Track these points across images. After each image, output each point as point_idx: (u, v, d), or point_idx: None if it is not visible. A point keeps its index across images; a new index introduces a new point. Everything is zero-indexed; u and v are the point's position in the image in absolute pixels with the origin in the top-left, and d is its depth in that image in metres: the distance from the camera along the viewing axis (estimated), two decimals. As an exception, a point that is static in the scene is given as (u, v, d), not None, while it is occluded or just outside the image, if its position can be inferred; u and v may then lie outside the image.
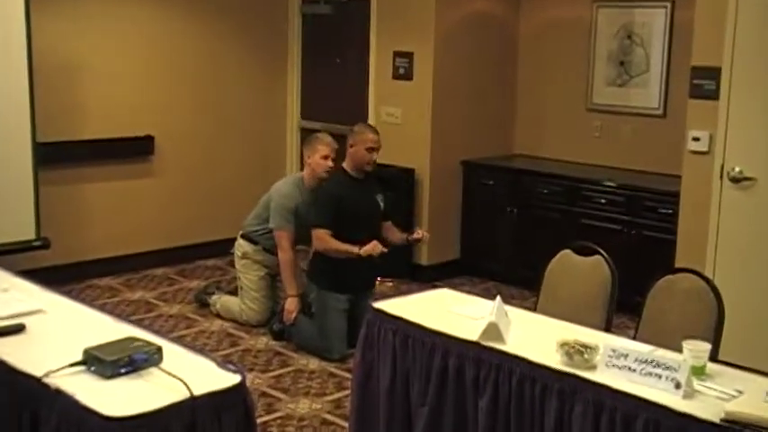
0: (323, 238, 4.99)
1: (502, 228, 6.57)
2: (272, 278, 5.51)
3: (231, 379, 2.52)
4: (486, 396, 3.00)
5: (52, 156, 5.93)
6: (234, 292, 5.71)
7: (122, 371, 2.52)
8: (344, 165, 5.14)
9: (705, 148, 5.04)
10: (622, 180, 6.05)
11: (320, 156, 5.29)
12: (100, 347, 2.57)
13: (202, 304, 5.82)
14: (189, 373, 2.46)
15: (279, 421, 4.19)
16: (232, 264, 6.21)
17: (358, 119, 6.97)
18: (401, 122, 6.69)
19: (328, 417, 4.28)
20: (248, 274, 5.50)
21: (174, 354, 2.66)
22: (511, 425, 2.94)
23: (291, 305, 5.26)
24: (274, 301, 5.54)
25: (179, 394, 2.37)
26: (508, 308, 3.32)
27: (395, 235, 5.29)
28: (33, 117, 5.63)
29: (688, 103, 5.15)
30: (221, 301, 5.67)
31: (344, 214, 4.99)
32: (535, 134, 7.01)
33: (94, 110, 6.30)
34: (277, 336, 5.30)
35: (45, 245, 5.75)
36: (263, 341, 5.28)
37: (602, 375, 2.74)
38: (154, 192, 6.72)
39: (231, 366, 2.61)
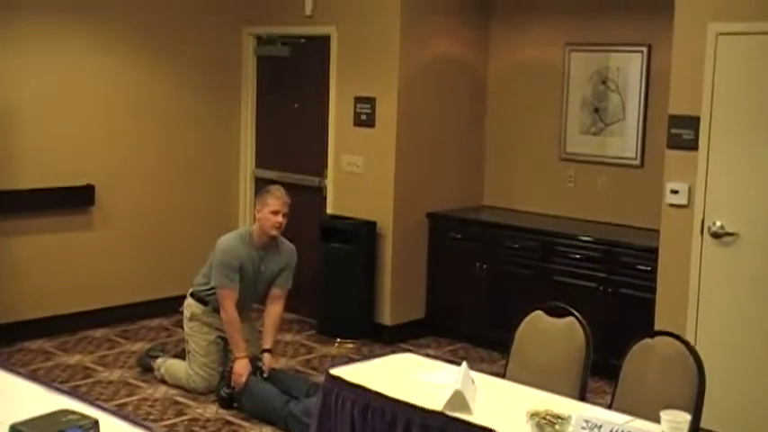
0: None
1: (470, 285, 6.60)
2: (224, 342, 5.46)
3: (174, 455, 2.50)
4: (451, 471, 2.99)
5: (-18, 207, 5.89)
6: (180, 356, 5.66)
7: (53, 448, 2.47)
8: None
9: (684, 202, 5.13)
10: (598, 234, 6.12)
11: (269, 210, 5.29)
12: (29, 422, 2.53)
13: (146, 369, 5.75)
14: (127, 450, 2.44)
15: (227, 499, 4.14)
16: (178, 324, 6.16)
17: (316, 168, 7.06)
18: (363, 172, 6.74)
19: (281, 494, 4.24)
20: (197, 337, 5.46)
21: (112, 427, 2.64)
22: (478, 503, 2.93)
23: (241, 367, 5.22)
24: (225, 367, 5.49)
25: (116, 474, 2.35)
26: (475, 374, 3.34)
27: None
28: (-38, 165, 5.61)
29: (666, 153, 5.25)
30: (166, 365, 5.61)
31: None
32: (505, 185, 7.09)
33: (29, 157, 6.26)
34: (225, 402, 5.24)
35: (-28, 304, 5.69)
36: (211, 409, 5.22)
37: (576, 448, 2.75)
38: (94, 245, 6.67)
39: (174, 441, 2.58)
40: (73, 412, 2.63)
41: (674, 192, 5.16)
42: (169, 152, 7.07)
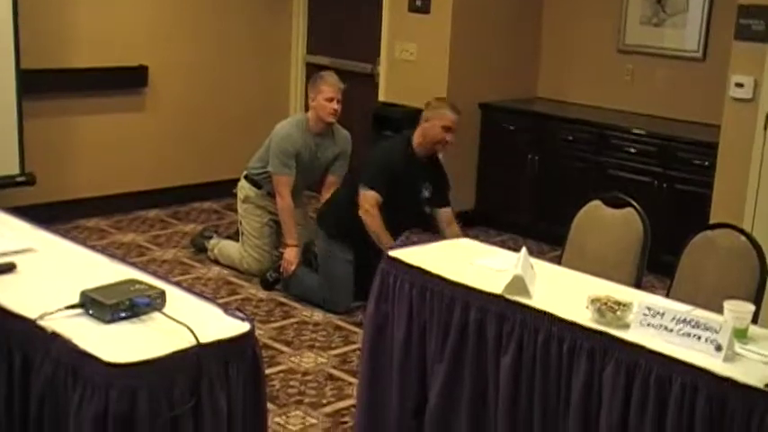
0: (369, 211, 4.80)
1: (522, 176, 6.55)
2: (277, 225, 5.50)
3: (239, 327, 2.52)
4: (508, 354, 3.00)
5: (37, 85, 5.88)
6: (233, 237, 5.72)
7: (122, 315, 2.51)
8: (414, 137, 4.98)
9: (749, 96, 4.99)
10: (654, 128, 6.01)
11: (324, 97, 5.25)
12: (98, 290, 2.56)
13: (199, 249, 5.83)
14: (194, 320, 2.46)
15: (281, 375, 4.22)
16: (229, 207, 6.22)
17: (369, 55, 6.96)
18: (416, 59, 6.63)
19: (334, 372, 4.31)
20: (250, 219, 5.50)
21: (177, 299, 2.66)
22: (535, 385, 2.94)
23: (291, 255, 5.26)
24: (278, 250, 5.54)
25: (184, 341, 2.37)
26: (534, 260, 3.32)
27: (454, 232, 4.97)
28: (17, 41, 5.59)
29: (733, 45, 5.09)
30: (220, 246, 5.68)
31: (389, 189, 4.85)
32: (561, 76, 6.95)
33: (85, 35, 6.24)
34: (268, 285, 5.29)
35: (30, 181, 5.75)
36: (263, 290, 5.29)
37: (636, 334, 2.73)
38: (146, 127, 6.69)
39: (239, 314, 2.61)
40: (140, 282, 2.67)
41: (739, 85, 5.02)
42: (221, 35, 6.99)
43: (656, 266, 4.65)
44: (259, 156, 5.50)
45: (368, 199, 4.84)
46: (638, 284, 3.74)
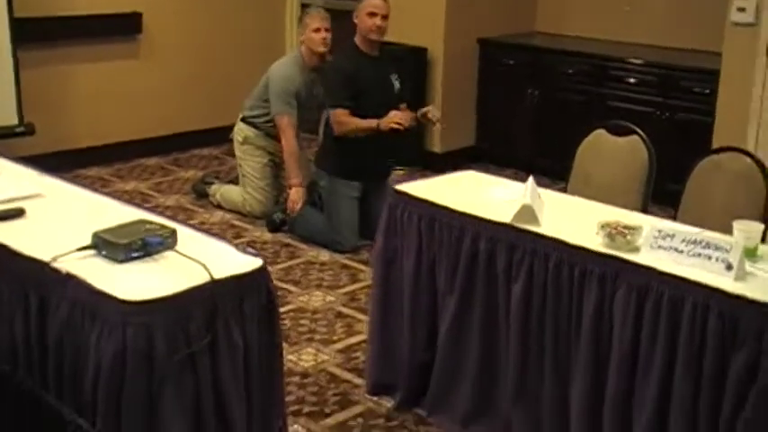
0: (341, 120, 4.95)
1: (522, 112, 6.53)
2: (277, 166, 5.50)
3: (252, 263, 2.53)
4: (519, 282, 3.02)
5: (31, 33, 5.81)
6: (235, 182, 5.71)
7: (135, 255, 2.52)
8: (356, 40, 5.07)
9: (751, 20, 4.96)
10: (655, 57, 5.98)
11: (311, 30, 5.26)
12: (110, 230, 2.57)
13: (200, 195, 5.82)
14: (207, 257, 2.46)
15: (291, 314, 4.25)
16: (229, 153, 6.20)
17: (364, -8, 6.86)
18: (412, -4, 6.56)
19: (343, 309, 4.34)
20: (250, 161, 5.49)
21: (189, 238, 2.66)
22: (546, 312, 2.97)
23: (296, 195, 5.26)
24: (279, 192, 5.55)
25: (199, 278, 2.38)
26: (541, 190, 3.32)
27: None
28: (9, -11, 5.53)
29: (734, -33, 5.05)
30: (222, 190, 5.67)
31: (358, 94, 4.94)
32: (558, 9, 6.89)
33: (77, -18, 6.18)
34: (275, 227, 5.31)
35: (30, 131, 5.72)
36: (268, 233, 5.30)
37: (647, 257, 2.75)
38: (142, 74, 6.64)
39: (251, 250, 2.62)
40: (151, 222, 2.67)
41: (741, 9, 4.99)
42: (214, -22, 6.93)
43: (660, 196, 4.66)
44: (255, 95, 5.48)
45: (337, 115, 4.98)
46: (644, 209, 3.76)
